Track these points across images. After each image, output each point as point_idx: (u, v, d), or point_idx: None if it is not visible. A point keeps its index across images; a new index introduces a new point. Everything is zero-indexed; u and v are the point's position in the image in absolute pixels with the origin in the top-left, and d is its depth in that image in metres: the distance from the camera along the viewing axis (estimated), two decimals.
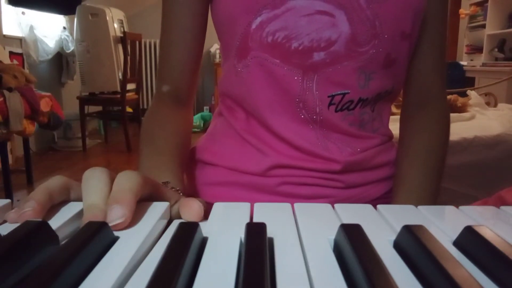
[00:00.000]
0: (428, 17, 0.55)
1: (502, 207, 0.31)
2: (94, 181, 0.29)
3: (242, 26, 0.50)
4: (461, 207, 0.31)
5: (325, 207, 0.30)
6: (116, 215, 0.25)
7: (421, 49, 0.57)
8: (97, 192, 0.28)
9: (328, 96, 0.50)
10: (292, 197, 0.53)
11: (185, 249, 0.20)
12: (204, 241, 0.24)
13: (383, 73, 0.51)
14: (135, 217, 0.27)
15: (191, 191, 0.59)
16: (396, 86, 0.56)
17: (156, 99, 0.59)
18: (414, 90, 0.60)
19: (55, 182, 0.30)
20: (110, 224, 0.25)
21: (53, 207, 0.30)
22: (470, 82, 4.03)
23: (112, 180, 0.29)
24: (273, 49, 0.49)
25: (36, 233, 0.23)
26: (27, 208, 0.26)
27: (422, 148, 0.56)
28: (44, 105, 2.32)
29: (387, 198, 0.57)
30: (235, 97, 0.56)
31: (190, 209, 0.29)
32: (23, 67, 3.09)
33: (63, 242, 0.24)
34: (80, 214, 0.29)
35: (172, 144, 0.53)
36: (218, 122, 0.61)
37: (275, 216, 0.28)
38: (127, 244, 0.23)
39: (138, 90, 3.77)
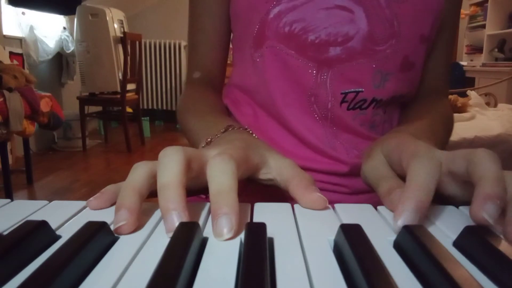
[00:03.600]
0: (443, 21, 0.55)
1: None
2: (167, 159, 0.27)
3: (260, 15, 0.50)
4: (461, 207, 0.30)
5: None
6: (223, 228, 0.23)
7: (433, 50, 0.57)
8: (171, 169, 0.26)
9: (342, 93, 0.50)
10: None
11: (185, 249, 0.20)
12: (204, 241, 0.24)
13: (400, 76, 0.51)
14: None
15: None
16: (411, 91, 0.55)
17: (188, 86, 0.59)
18: (421, 89, 0.59)
19: (140, 176, 0.27)
20: (219, 239, 0.23)
21: (52, 207, 0.30)
22: (470, 82, 4.03)
23: (187, 156, 0.27)
24: (289, 40, 0.49)
25: (36, 233, 0.23)
26: (121, 220, 0.24)
27: (428, 110, 0.54)
28: (44, 105, 2.32)
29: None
30: (247, 88, 0.56)
31: (310, 200, 0.29)
32: (23, 67, 3.09)
33: (63, 242, 0.24)
34: (79, 214, 0.29)
35: (219, 106, 0.53)
36: None
37: (275, 216, 0.28)
38: (127, 244, 0.23)
39: (138, 90, 3.77)
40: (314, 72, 0.49)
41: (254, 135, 0.42)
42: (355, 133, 0.52)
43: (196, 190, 0.32)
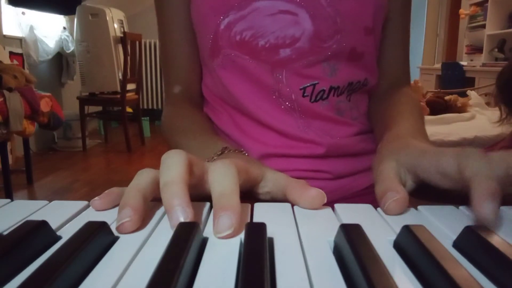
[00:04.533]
0: (391, 12, 0.57)
1: (502, 207, 0.31)
2: (170, 160, 0.27)
3: (211, 27, 0.52)
4: (461, 207, 0.30)
5: (324, 207, 0.30)
6: (223, 225, 0.24)
7: (387, 43, 0.60)
8: (174, 169, 0.26)
9: (300, 89, 0.52)
10: None
11: (185, 249, 0.20)
12: (204, 241, 0.24)
13: (349, 64, 0.53)
14: None
15: None
16: (370, 79, 0.57)
17: (169, 104, 0.59)
18: (383, 80, 0.61)
19: (145, 179, 0.28)
20: (218, 236, 0.23)
21: (52, 207, 0.30)
22: (470, 82, 4.03)
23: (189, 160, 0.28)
24: (241, 47, 0.51)
25: (36, 233, 0.23)
26: (125, 217, 0.24)
27: (400, 102, 0.54)
28: (44, 105, 2.32)
29: None
30: (217, 93, 0.57)
31: (309, 197, 0.29)
32: (23, 67, 3.09)
33: (63, 242, 0.24)
34: (79, 214, 0.29)
35: (207, 124, 0.55)
36: None
37: (275, 216, 0.28)
38: (127, 244, 0.23)
39: (138, 90, 3.77)
40: (270, 72, 0.52)
41: (249, 156, 0.43)
42: (325, 119, 0.54)
43: (196, 199, 0.32)
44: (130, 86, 3.58)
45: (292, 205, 0.30)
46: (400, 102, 0.55)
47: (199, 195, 0.30)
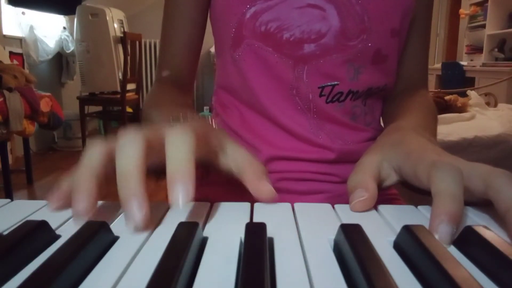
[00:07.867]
0: (415, 15, 0.57)
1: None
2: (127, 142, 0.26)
3: (236, 16, 0.52)
4: None
5: (325, 207, 0.30)
6: (178, 194, 0.23)
7: (408, 45, 0.59)
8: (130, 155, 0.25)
9: (319, 87, 0.52)
10: (290, 193, 0.54)
11: (185, 249, 0.20)
12: (204, 241, 0.24)
13: (373, 68, 0.53)
14: None
15: None
16: (389, 84, 0.57)
17: (156, 84, 0.60)
18: (400, 81, 0.60)
19: (96, 158, 0.26)
20: (175, 207, 0.23)
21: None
22: (470, 82, 4.02)
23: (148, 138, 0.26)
24: (265, 39, 0.51)
25: (36, 233, 0.23)
26: (80, 203, 0.24)
27: (416, 106, 0.54)
28: (44, 105, 2.32)
29: (383, 195, 0.57)
30: (232, 87, 0.57)
31: (261, 194, 0.29)
32: (23, 67, 3.09)
33: (63, 242, 0.24)
34: None
35: (182, 101, 0.54)
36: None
37: (275, 216, 0.28)
38: (127, 244, 0.23)
39: (138, 90, 3.77)
40: (291, 67, 0.51)
41: (208, 122, 0.42)
42: (338, 123, 0.54)
43: (161, 170, 0.30)
44: (130, 86, 3.57)
45: (292, 205, 0.30)
46: (412, 101, 0.55)
47: (162, 164, 0.28)
